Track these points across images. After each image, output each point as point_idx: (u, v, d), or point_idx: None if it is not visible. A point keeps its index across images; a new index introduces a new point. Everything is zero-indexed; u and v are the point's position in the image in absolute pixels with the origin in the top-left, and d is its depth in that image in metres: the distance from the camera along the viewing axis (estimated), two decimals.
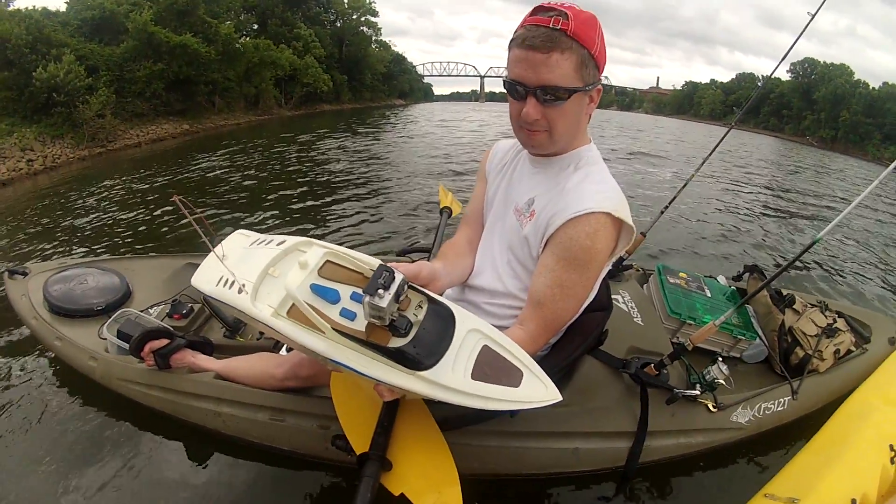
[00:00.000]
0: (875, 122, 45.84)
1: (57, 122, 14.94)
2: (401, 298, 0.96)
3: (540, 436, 1.59)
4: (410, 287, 1.02)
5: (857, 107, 49.49)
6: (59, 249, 4.88)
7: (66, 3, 23.91)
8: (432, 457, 1.33)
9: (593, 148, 1.34)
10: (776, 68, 3.22)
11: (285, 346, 1.94)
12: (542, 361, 1.45)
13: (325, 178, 8.54)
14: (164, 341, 1.85)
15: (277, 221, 5.77)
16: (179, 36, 21.90)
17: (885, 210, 9.85)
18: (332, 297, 1.00)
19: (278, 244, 1.13)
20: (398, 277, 0.94)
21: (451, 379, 0.96)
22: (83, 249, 4.84)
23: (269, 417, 1.67)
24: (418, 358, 0.94)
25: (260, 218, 5.89)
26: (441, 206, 2.81)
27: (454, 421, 1.49)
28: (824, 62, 59.66)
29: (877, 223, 8.35)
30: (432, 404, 1.42)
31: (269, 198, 6.94)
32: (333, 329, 0.95)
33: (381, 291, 0.90)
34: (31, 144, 13.47)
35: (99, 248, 4.85)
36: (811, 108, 57.74)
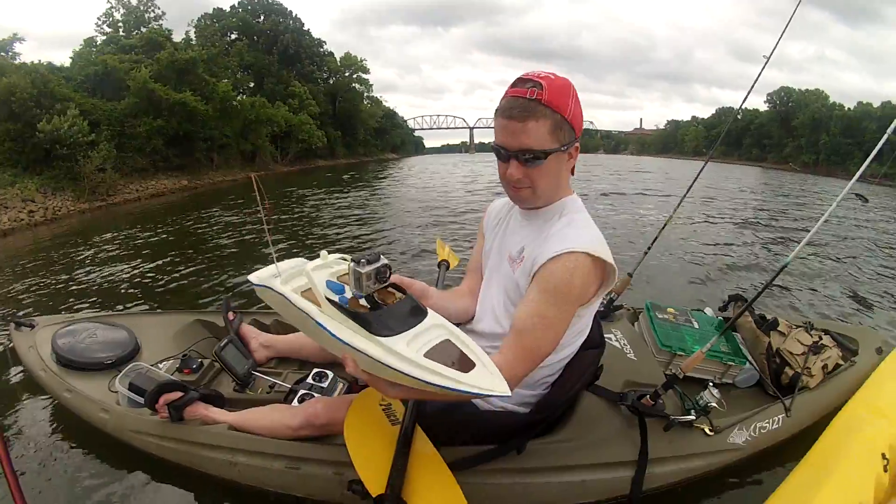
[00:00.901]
0: (854, 141, 46.64)
1: (58, 175, 15.10)
2: (383, 279, 1.19)
3: (547, 470, 1.63)
4: (396, 288, 1.27)
5: (836, 129, 50.62)
6: (61, 302, 4.91)
7: (71, 58, 24.61)
8: (445, 496, 1.39)
9: (576, 199, 1.46)
10: (745, 99, 3.52)
11: (297, 398, 2.00)
12: (545, 398, 1.58)
13: (322, 232, 8.72)
14: (179, 394, 1.89)
15: None
16: (179, 93, 22.38)
17: (861, 222, 10.33)
18: (338, 289, 1.27)
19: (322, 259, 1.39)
20: (383, 260, 1.18)
21: (404, 350, 1.08)
22: (85, 303, 4.87)
23: (284, 466, 1.71)
24: (376, 324, 1.13)
25: (257, 263, 5.91)
26: (439, 260, 2.89)
27: (464, 462, 1.56)
28: (799, 89, 61.60)
29: (851, 239, 8.70)
30: (442, 448, 1.49)
31: (264, 252, 6.99)
32: (328, 301, 1.21)
33: (363, 262, 1.15)
34: (33, 196, 13.59)
35: (101, 302, 4.88)
36: (791, 135, 59.00)
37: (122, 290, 5.30)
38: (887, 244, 8.51)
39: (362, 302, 1.24)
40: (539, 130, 1.25)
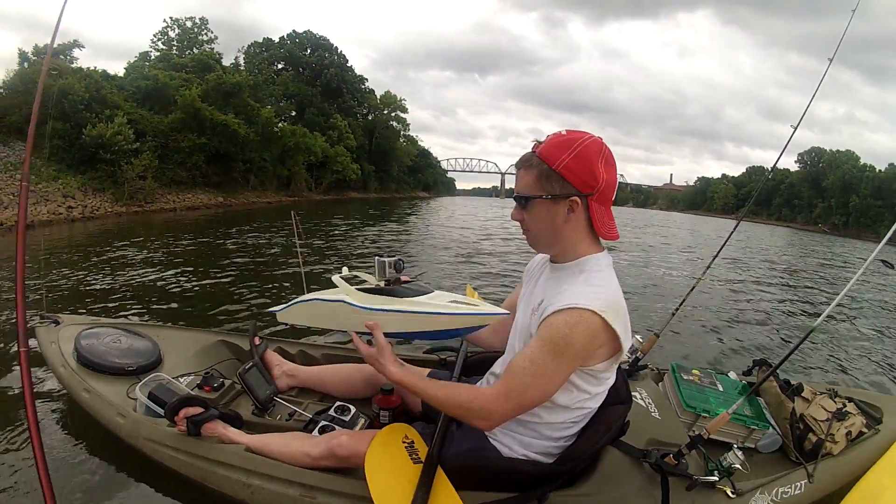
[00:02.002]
0: (885, 203, 46.38)
1: (101, 177, 15.66)
2: (400, 268, 1.59)
3: None
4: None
5: (866, 190, 50.37)
6: (86, 298, 4.99)
7: (125, 69, 25.61)
8: None
9: (600, 257, 1.44)
10: (777, 160, 3.50)
11: (317, 428, 1.97)
12: (569, 450, 1.56)
13: (351, 262, 8.70)
14: (199, 410, 1.87)
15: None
16: (224, 115, 23.10)
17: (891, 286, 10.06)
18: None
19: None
20: (397, 256, 1.59)
21: (426, 300, 1.46)
22: (109, 303, 4.93)
23: (300, 493, 1.67)
24: (400, 292, 1.51)
25: (283, 292, 5.98)
26: None
27: None
28: (830, 150, 61.39)
29: (879, 303, 8.54)
30: (462, 492, 1.46)
31: (292, 280, 7.06)
32: (356, 290, 1.56)
33: (384, 255, 1.61)
34: (74, 193, 14.08)
35: (124, 304, 4.93)
36: (821, 196, 58.76)
37: (147, 297, 5.35)
38: None
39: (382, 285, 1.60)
40: (526, 178, 1.38)
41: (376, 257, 1.60)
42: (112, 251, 7.96)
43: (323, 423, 2.02)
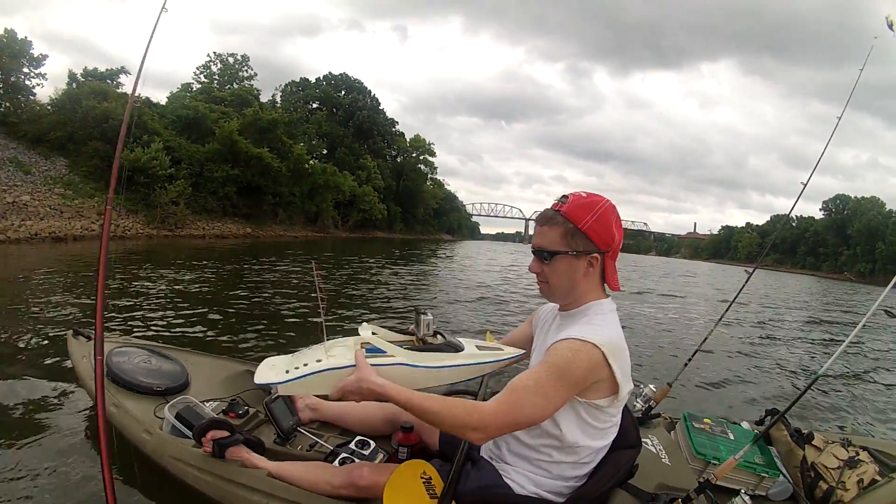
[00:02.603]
0: None
1: (135, 199, 16.13)
2: (431, 327, 1.77)
3: None
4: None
5: (892, 237, 49.34)
6: (113, 316, 5.12)
7: (168, 98, 26.53)
8: None
9: (605, 303, 1.54)
10: (794, 205, 3.47)
11: (338, 460, 2.01)
12: (579, 491, 1.57)
13: (374, 304, 8.70)
14: (226, 433, 1.92)
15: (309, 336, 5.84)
16: (258, 148, 23.66)
17: None
18: (376, 350, 1.60)
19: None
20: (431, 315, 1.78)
21: (469, 353, 1.69)
22: (135, 322, 5.05)
23: None
24: (448, 345, 1.71)
25: (306, 327, 6.04)
26: None
27: None
28: (855, 196, 60.18)
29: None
30: None
31: (314, 317, 7.12)
32: (403, 349, 1.64)
33: (425, 312, 1.77)
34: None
35: (152, 326, 5.04)
36: (846, 244, 57.76)
37: (174, 320, 5.46)
38: None
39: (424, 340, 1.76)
40: (551, 234, 1.46)
41: (420, 315, 1.74)
42: (143, 273, 8.16)
43: (343, 455, 2.05)
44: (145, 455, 2.11)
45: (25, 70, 17.17)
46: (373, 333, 1.69)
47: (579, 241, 1.45)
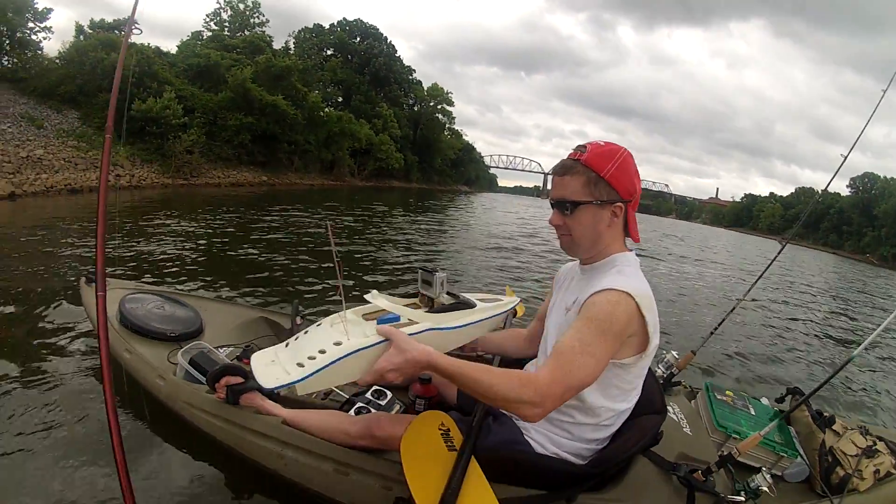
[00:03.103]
0: None
1: (149, 149, 16.18)
2: (444, 286, 1.74)
3: None
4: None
5: None
6: (127, 263, 5.12)
7: (178, 47, 26.19)
8: None
9: (630, 255, 1.52)
10: (829, 183, 3.34)
11: (353, 409, 1.98)
12: (603, 454, 1.57)
13: (391, 253, 8.69)
14: (240, 380, 1.90)
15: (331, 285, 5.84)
16: (272, 96, 23.41)
17: None
18: (393, 318, 1.51)
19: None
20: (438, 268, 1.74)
21: (485, 306, 1.71)
22: (150, 270, 5.05)
23: (333, 469, 1.69)
24: (465, 302, 1.69)
25: (324, 279, 6.03)
26: None
27: (514, 501, 1.54)
28: (885, 176, 58.64)
29: None
30: (494, 485, 1.44)
31: (326, 264, 7.06)
32: (426, 313, 1.59)
33: (438, 271, 1.71)
34: (122, 162, 14.58)
35: (165, 272, 5.05)
36: (871, 225, 56.31)
37: (190, 267, 5.46)
38: None
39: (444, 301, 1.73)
40: (573, 184, 1.42)
41: (434, 274, 1.68)
42: (158, 221, 8.17)
43: (359, 404, 2.03)
44: (158, 401, 2.10)
45: (31, 24, 16.95)
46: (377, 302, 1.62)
47: (602, 190, 1.42)
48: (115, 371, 2.26)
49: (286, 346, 1.46)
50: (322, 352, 1.31)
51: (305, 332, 1.47)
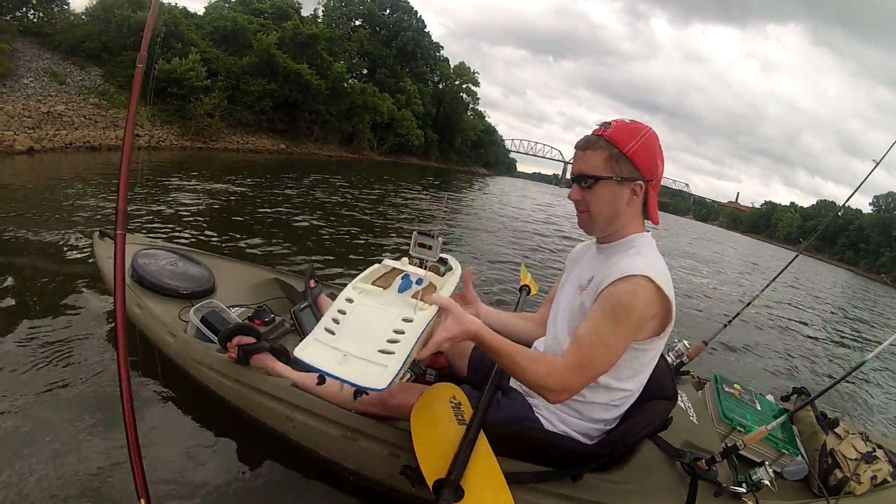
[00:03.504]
0: None
1: (169, 110, 16.20)
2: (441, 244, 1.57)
3: None
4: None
5: None
6: (143, 222, 5.13)
7: (206, 8, 26.07)
8: (498, 499, 1.36)
9: (647, 235, 1.52)
10: (850, 197, 3.35)
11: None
12: (612, 435, 1.59)
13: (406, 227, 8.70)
14: (252, 340, 1.89)
15: (346, 258, 5.85)
16: (297, 64, 23.31)
17: None
18: (407, 283, 1.42)
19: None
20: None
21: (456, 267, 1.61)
22: (165, 228, 5.06)
23: (341, 434, 1.69)
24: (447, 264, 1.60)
25: (333, 243, 6.05)
26: (521, 284, 2.92)
27: (519, 476, 1.56)
28: None
29: None
30: (501, 459, 1.46)
31: (345, 229, 7.15)
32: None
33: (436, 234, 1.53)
34: (142, 122, 14.60)
35: (180, 232, 5.06)
36: (890, 245, 56.03)
37: (205, 227, 5.48)
38: None
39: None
40: (594, 159, 1.41)
41: (437, 238, 1.55)
42: (174, 182, 8.20)
43: None
44: (168, 357, 2.09)
45: None
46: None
47: (623, 167, 1.40)
48: (133, 330, 2.28)
49: (332, 333, 1.20)
50: (400, 332, 1.20)
51: (342, 313, 1.27)
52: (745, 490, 1.75)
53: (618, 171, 1.40)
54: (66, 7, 17.14)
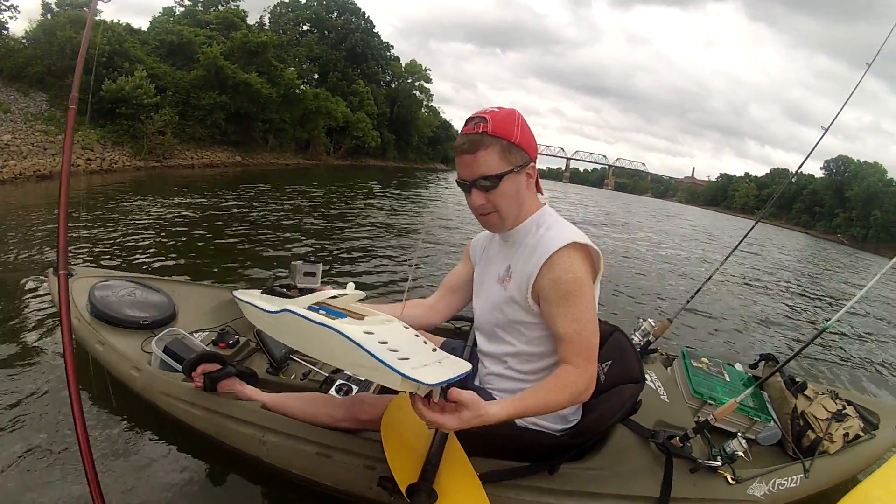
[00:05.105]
0: None
1: (119, 131, 15.74)
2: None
3: (575, 495, 1.63)
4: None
5: (890, 205, 49.81)
6: (102, 252, 4.98)
7: (150, 23, 25.50)
8: (472, 498, 1.38)
9: (547, 209, 1.53)
10: (801, 166, 3.52)
11: (334, 387, 1.97)
12: (583, 424, 1.63)
13: (362, 233, 8.69)
14: (217, 366, 1.88)
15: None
16: (246, 73, 22.97)
17: None
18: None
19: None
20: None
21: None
22: (123, 256, 4.93)
23: (315, 451, 1.69)
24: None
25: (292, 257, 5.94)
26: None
27: (495, 475, 1.58)
28: (857, 160, 60.25)
29: (888, 318, 8.68)
30: (475, 460, 1.48)
31: (294, 236, 7.12)
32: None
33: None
34: (93, 145, 14.22)
35: (138, 259, 4.93)
36: (843, 206, 57.89)
37: (163, 252, 5.35)
38: None
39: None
40: (489, 158, 1.37)
41: (319, 263, 1.59)
42: (129, 204, 8.03)
43: (339, 381, 2.04)
44: (134, 393, 2.05)
45: None
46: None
47: (516, 155, 1.40)
48: (87, 365, 2.23)
49: (406, 359, 1.14)
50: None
51: (384, 343, 1.19)
52: (720, 463, 1.80)
53: (514, 161, 1.39)
54: (5, 32, 16.57)
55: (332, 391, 1.96)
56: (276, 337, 1.48)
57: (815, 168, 64.50)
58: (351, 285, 1.50)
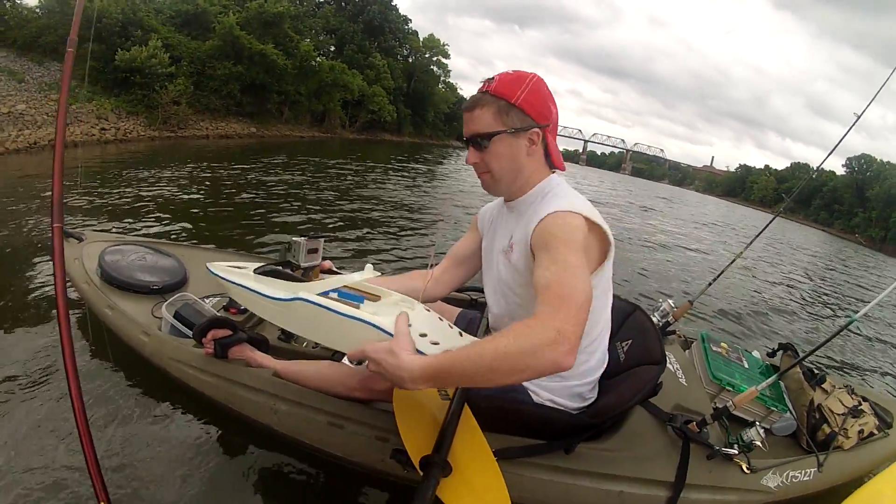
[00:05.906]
0: None
1: (134, 100, 15.70)
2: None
3: (590, 475, 1.61)
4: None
5: None
6: (113, 219, 4.98)
7: None
8: (486, 476, 1.35)
9: (556, 177, 1.49)
10: (824, 160, 3.43)
11: (346, 356, 1.92)
12: (602, 404, 1.59)
13: (377, 208, 8.63)
14: (228, 332, 1.85)
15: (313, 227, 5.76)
16: (262, 44, 22.81)
17: None
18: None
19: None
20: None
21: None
22: (136, 224, 4.93)
23: (327, 421, 1.66)
24: None
25: (305, 228, 6.00)
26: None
27: (510, 451, 1.55)
28: (881, 160, 59.22)
29: None
30: (489, 435, 1.45)
31: (317, 206, 7.08)
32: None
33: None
34: (107, 115, 14.16)
35: (151, 227, 4.94)
36: (863, 206, 57.14)
37: (175, 219, 5.35)
38: None
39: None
40: (483, 116, 1.36)
41: (320, 237, 1.56)
42: (142, 173, 8.01)
43: None
44: (144, 358, 2.03)
45: None
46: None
47: (515, 117, 1.37)
48: (97, 329, 2.21)
49: (437, 343, 1.22)
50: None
51: (424, 336, 1.25)
52: (736, 451, 1.77)
53: (510, 122, 1.36)
54: (18, 2, 16.49)
55: (345, 360, 1.92)
56: (277, 323, 1.49)
57: (836, 165, 63.76)
58: (369, 266, 1.46)
